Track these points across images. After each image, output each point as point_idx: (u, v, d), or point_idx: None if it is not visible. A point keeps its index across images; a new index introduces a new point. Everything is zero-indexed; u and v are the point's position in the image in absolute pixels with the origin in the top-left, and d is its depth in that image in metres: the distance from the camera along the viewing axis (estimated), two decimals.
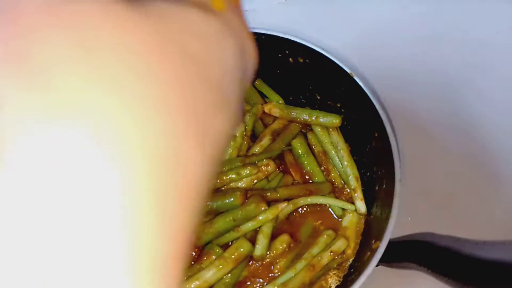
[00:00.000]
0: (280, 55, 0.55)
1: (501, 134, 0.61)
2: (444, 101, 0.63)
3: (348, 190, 0.55)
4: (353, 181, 0.53)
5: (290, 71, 0.56)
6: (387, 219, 0.44)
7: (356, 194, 0.53)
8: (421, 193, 0.58)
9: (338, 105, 0.55)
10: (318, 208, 0.54)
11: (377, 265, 0.43)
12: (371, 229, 0.50)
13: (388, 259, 0.44)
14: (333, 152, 0.55)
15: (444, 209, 0.58)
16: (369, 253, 0.46)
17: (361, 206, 0.52)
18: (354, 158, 0.55)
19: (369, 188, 0.53)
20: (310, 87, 0.57)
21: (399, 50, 0.66)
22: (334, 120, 0.54)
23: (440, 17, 0.68)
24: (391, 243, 0.43)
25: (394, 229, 0.43)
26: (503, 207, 0.57)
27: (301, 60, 0.54)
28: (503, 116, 0.62)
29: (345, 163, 0.54)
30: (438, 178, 0.59)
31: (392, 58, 0.66)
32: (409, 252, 0.47)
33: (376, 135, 0.50)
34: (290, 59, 0.54)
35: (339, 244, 0.50)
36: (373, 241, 0.46)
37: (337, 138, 0.55)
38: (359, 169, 0.54)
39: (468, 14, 0.68)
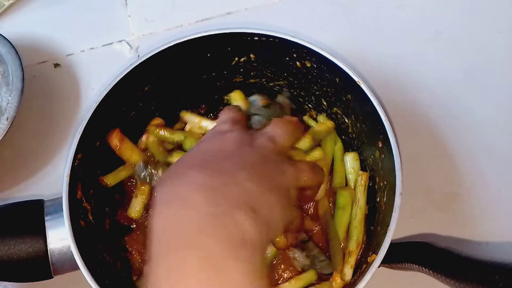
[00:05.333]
0: (287, 59, 0.54)
1: (501, 134, 0.60)
2: (444, 101, 0.62)
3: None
4: (354, 244, 0.50)
5: (297, 75, 0.55)
6: (385, 233, 0.43)
7: (349, 258, 0.49)
8: (422, 194, 0.58)
9: (344, 113, 0.54)
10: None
11: (378, 266, 0.42)
12: (371, 241, 0.49)
13: (389, 261, 0.43)
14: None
15: (445, 209, 0.57)
16: (364, 266, 0.45)
17: (348, 273, 0.48)
18: None
19: (372, 198, 0.52)
20: (317, 93, 0.56)
21: (400, 52, 0.65)
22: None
23: (440, 17, 0.67)
24: (392, 244, 0.43)
25: (395, 230, 0.43)
26: (505, 208, 0.56)
27: (308, 65, 0.53)
28: (504, 116, 0.61)
29: (354, 226, 0.51)
30: (438, 178, 0.58)
31: (394, 63, 0.64)
32: (410, 253, 0.46)
33: (380, 145, 0.49)
34: (297, 63, 0.54)
35: None
36: (369, 254, 0.46)
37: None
38: None
39: (468, 14, 0.66)
